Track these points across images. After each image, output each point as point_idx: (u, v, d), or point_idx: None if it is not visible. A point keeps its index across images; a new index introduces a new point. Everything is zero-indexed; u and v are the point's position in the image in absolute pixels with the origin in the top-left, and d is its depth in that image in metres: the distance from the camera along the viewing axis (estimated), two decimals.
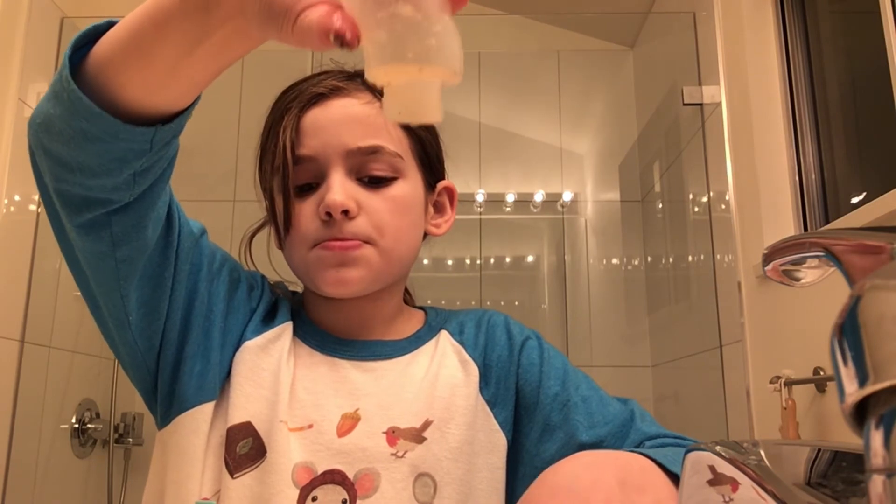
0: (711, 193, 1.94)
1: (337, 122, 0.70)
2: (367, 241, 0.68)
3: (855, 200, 1.55)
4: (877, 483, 0.21)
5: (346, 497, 0.64)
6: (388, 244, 0.69)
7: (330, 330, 0.74)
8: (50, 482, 1.88)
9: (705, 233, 1.95)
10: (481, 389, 0.72)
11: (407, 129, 0.73)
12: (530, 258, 2.59)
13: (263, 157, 0.73)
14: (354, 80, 0.73)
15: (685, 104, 2.01)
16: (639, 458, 0.56)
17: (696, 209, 2.06)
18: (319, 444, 0.66)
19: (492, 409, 0.72)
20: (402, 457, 0.66)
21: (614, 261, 2.55)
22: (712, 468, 0.38)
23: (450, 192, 0.79)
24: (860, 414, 0.23)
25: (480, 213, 2.51)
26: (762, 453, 0.36)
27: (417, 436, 0.67)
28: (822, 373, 1.38)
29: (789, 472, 0.41)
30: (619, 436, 0.69)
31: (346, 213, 0.67)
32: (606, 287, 2.52)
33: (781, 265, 0.38)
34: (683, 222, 2.18)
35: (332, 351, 0.72)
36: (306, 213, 0.68)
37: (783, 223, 1.65)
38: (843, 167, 1.64)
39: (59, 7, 1.97)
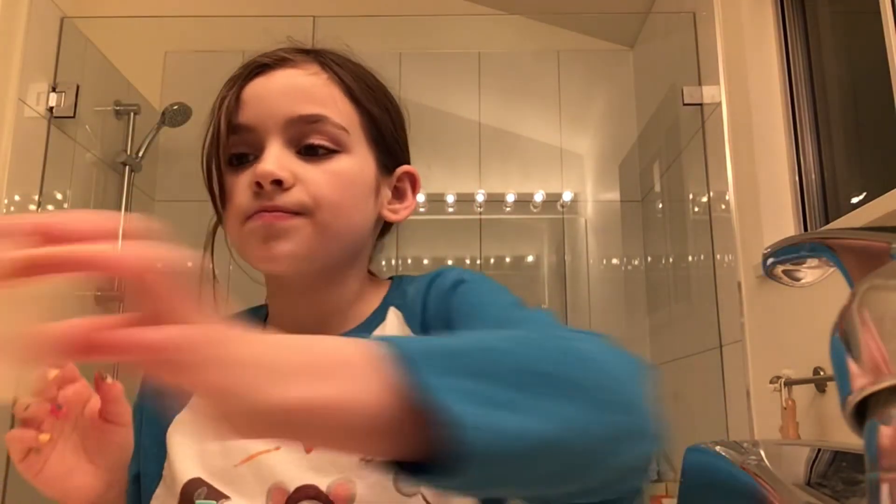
0: (711, 193, 1.94)
1: (279, 91, 0.67)
2: (301, 213, 0.63)
3: (855, 200, 1.55)
4: (876, 483, 0.21)
5: None
6: (324, 217, 0.64)
7: (286, 326, 0.70)
8: None
9: (705, 233, 1.95)
10: None
11: (357, 104, 0.69)
12: (530, 258, 2.59)
13: (207, 135, 0.70)
14: (304, 54, 0.70)
15: (685, 104, 2.01)
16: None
17: (696, 209, 2.06)
18: (289, 462, 0.63)
19: None
20: (370, 460, 0.62)
21: (614, 261, 2.55)
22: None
23: (411, 177, 0.74)
24: (860, 414, 0.23)
25: (480, 213, 2.51)
26: (762, 453, 0.36)
27: None
28: (822, 373, 1.38)
29: (789, 472, 0.41)
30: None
31: (279, 184, 0.63)
32: (606, 287, 2.52)
33: (782, 265, 0.38)
34: (683, 222, 2.18)
35: None
36: (240, 185, 0.65)
37: (783, 223, 1.65)
38: (843, 167, 1.63)
39: (59, 7, 1.97)
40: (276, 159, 0.63)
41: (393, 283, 0.74)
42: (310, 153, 0.65)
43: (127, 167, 2.23)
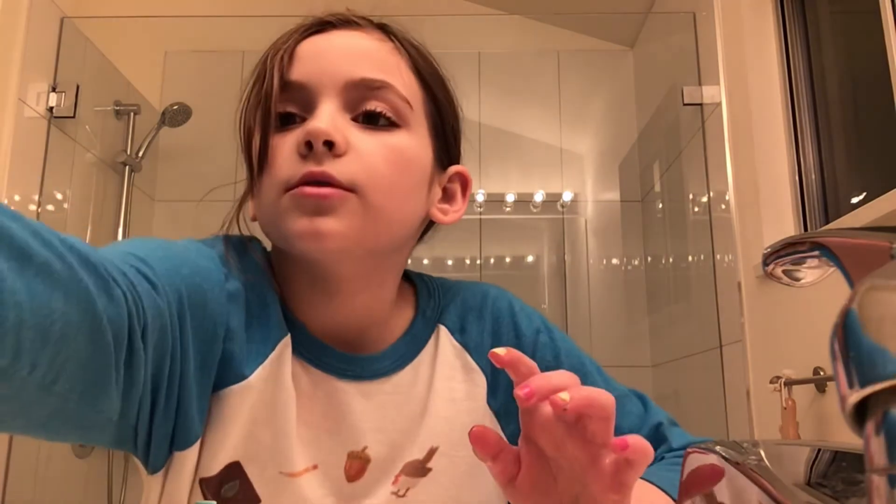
0: (711, 193, 1.94)
1: (340, 49, 0.59)
2: (352, 189, 0.55)
3: (855, 200, 1.55)
4: (876, 483, 0.21)
5: None
6: (377, 198, 0.56)
7: (319, 332, 0.61)
8: (50, 482, 1.88)
9: (705, 233, 1.95)
10: (489, 399, 0.65)
11: (423, 81, 0.62)
12: (530, 258, 2.59)
13: (250, 93, 0.62)
14: (367, 20, 0.63)
15: (685, 104, 2.01)
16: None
17: (696, 209, 2.06)
18: (326, 487, 0.58)
19: (500, 420, 0.64)
20: (403, 496, 0.60)
21: (614, 261, 2.55)
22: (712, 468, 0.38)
23: (463, 179, 0.67)
24: (860, 414, 0.23)
25: (481, 213, 2.51)
26: (762, 453, 0.36)
27: (421, 468, 0.61)
28: (822, 373, 1.38)
29: (789, 472, 0.41)
30: None
31: (330, 146, 0.55)
32: (606, 287, 2.52)
33: (781, 265, 0.38)
34: (683, 222, 2.18)
35: (330, 369, 0.60)
36: (286, 148, 0.56)
37: (783, 223, 1.65)
38: (843, 167, 1.63)
39: (58, 7, 1.97)
40: (331, 119, 0.56)
41: (419, 287, 0.68)
42: (368, 121, 0.58)
43: (127, 167, 2.23)
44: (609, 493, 0.44)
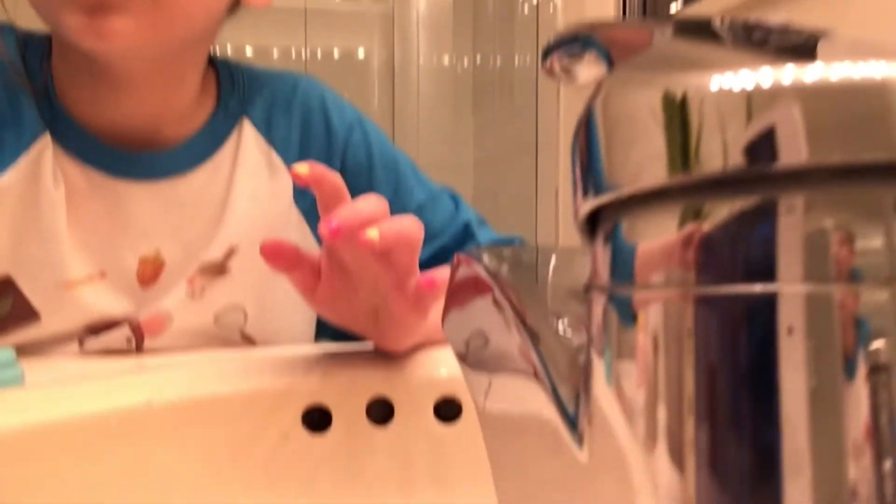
0: None
1: None
2: None
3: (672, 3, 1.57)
4: (596, 301, 0.19)
5: (131, 336, 0.56)
6: None
7: (101, 130, 0.56)
8: None
9: (532, 33, 1.93)
10: (296, 198, 0.62)
11: None
12: (360, 53, 2.48)
13: None
14: None
15: None
16: None
17: (525, 8, 2.03)
18: (117, 293, 0.55)
19: (308, 219, 0.62)
20: (199, 296, 0.58)
21: (444, 57, 2.49)
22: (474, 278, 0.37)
23: None
24: (593, 225, 0.20)
25: (306, 1, 2.32)
26: (524, 260, 0.35)
27: (219, 268, 0.58)
28: None
29: (569, 279, 0.41)
30: (455, 248, 0.64)
31: None
32: (434, 84, 2.48)
33: (560, 61, 0.34)
34: (512, 21, 2.14)
35: (111, 169, 0.55)
36: None
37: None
38: None
39: None
40: None
41: (222, 75, 0.62)
42: None
43: None
44: (409, 314, 0.44)
